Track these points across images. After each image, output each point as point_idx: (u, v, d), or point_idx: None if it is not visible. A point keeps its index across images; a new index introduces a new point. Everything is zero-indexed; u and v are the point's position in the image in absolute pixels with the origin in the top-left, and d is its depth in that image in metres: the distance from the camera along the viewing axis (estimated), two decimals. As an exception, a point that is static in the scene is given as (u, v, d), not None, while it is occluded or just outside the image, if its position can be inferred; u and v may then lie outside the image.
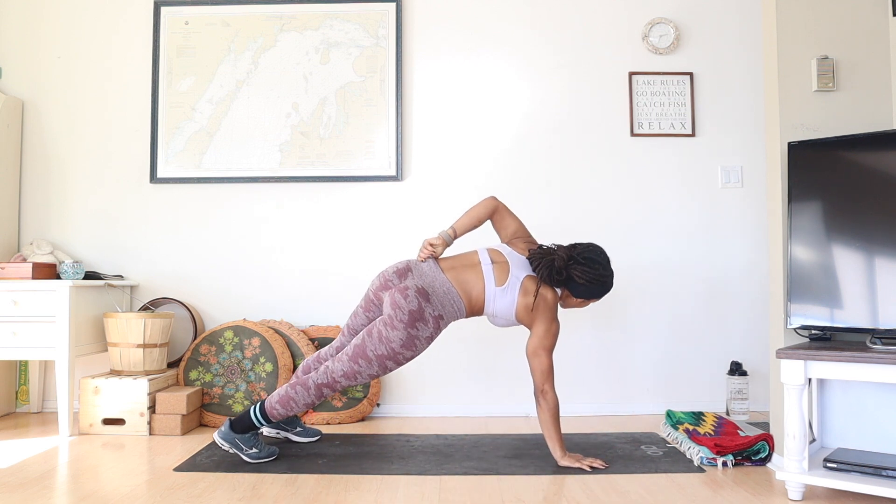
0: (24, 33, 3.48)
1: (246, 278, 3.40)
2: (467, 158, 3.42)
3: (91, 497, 2.06)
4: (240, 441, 2.42)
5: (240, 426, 2.43)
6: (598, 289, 2.48)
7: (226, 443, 2.42)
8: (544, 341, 2.40)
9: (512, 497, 2.07)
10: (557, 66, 3.44)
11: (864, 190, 2.14)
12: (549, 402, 2.38)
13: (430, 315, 2.37)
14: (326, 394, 2.43)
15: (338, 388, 2.43)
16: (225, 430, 2.42)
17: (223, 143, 3.42)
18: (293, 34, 3.44)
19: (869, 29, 2.37)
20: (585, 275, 2.43)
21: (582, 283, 2.44)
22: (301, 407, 2.42)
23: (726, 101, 3.42)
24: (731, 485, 2.18)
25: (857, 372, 1.96)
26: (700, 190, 3.40)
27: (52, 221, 3.44)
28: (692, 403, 3.34)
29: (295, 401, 2.41)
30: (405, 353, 2.38)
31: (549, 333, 2.41)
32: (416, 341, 2.37)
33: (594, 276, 2.45)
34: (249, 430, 2.44)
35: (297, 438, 2.74)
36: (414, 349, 2.38)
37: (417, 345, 2.38)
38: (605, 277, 2.47)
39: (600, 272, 2.46)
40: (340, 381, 2.41)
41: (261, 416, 2.42)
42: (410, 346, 2.37)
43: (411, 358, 2.42)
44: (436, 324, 2.39)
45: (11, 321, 2.87)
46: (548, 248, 2.46)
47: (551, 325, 2.41)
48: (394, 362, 2.39)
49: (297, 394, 2.41)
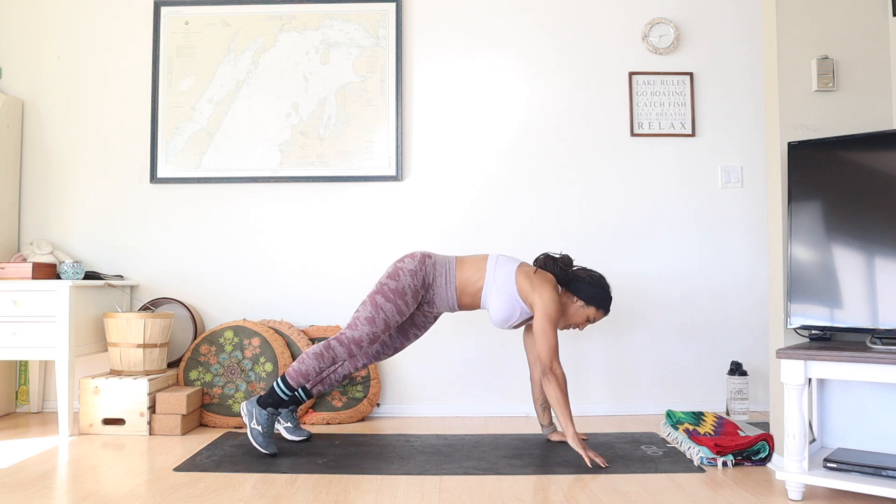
0: (24, 33, 3.48)
1: (246, 278, 3.40)
2: (467, 158, 3.42)
3: (91, 497, 2.06)
4: (256, 413, 2.55)
5: (264, 399, 2.56)
6: (601, 293, 2.59)
7: (245, 409, 2.59)
8: (550, 311, 2.48)
9: (512, 497, 2.07)
10: (557, 66, 3.44)
11: (864, 190, 2.14)
12: (558, 379, 2.45)
13: (419, 252, 2.61)
14: (333, 346, 2.54)
15: (343, 341, 2.54)
16: (252, 399, 2.59)
17: (223, 143, 3.42)
18: (293, 34, 3.44)
19: (869, 29, 2.37)
20: (587, 273, 2.61)
21: (585, 279, 2.58)
22: (311, 358, 2.53)
23: (726, 101, 3.42)
24: (731, 485, 2.18)
25: (857, 372, 1.96)
26: (700, 190, 3.40)
27: (52, 221, 3.44)
28: (692, 403, 3.34)
29: (306, 353, 2.55)
30: (389, 284, 2.54)
31: (552, 302, 2.49)
32: (399, 272, 2.56)
33: (595, 276, 2.61)
34: (271, 403, 2.54)
35: (286, 434, 2.73)
36: (397, 279, 2.54)
37: (400, 276, 2.54)
38: (606, 285, 2.62)
39: (601, 278, 2.62)
40: (345, 332, 2.56)
41: (281, 382, 2.55)
42: (394, 276, 2.55)
43: (396, 296, 2.52)
44: (422, 260, 2.58)
45: (11, 321, 2.87)
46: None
47: (553, 294, 2.51)
48: (381, 296, 2.53)
49: (309, 349, 2.57)
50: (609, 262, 3.37)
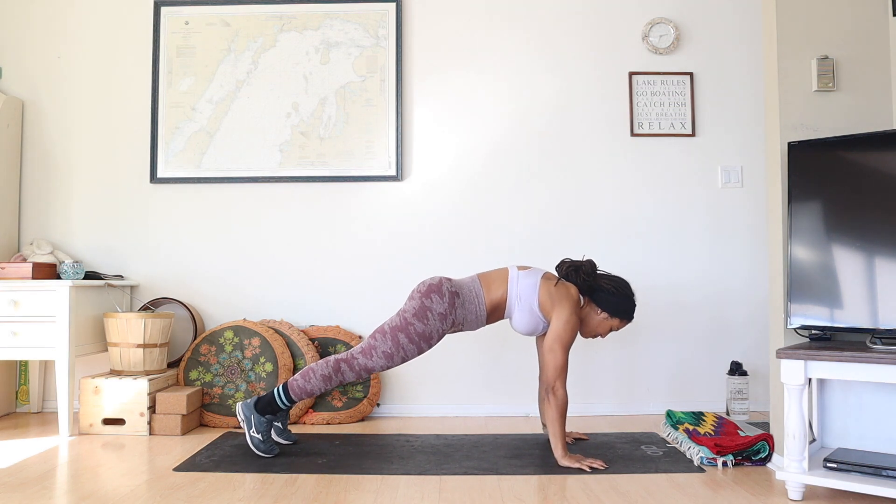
0: (24, 33, 3.48)
1: (246, 278, 3.40)
2: (467, 158, 3.42)
3: (91, 497, 2.06)
4: (254, 420, 2.49)
5: (262, 405, 2.50)
6: (625, 303, 2.54)
7: (242, 414, 2.51)
8: (562, 334, 2.43)
9: (512, 497, 2.07)
10: (558, 66, 3.44)
11: (864, 190, 2.14)
12: (558, 400, 2.39)
13: (447, 290, 2.47)
14: (343, 370, 2.47)
15: (354, 367, 2.47)
16: (249, 403, 2.52)
17: (223, 143, 3.42)
18: (293, 34, 3.44)
19: (869, 29, 2.37)
20: (612, 283, 2.54)
21: (609, 289, 2.52)
22: (318, 379, 2.47)
23: (726, 101, 3.42)
24: (731, 485, 2.18)
25: (857, 372, 1.96)
26: (700, 190, 3.40)
27: (52, 221, 3.44)
28: (692, 403, 3.34)
29: (314, 371, 2.48)
30: (416, 326, 2.43)
31: (568, 325, 2.43)
32: (427, 313, 2.44)
33: (621, 285, 2.55)
34: (269, 410, 2.50)
35: (274, 434, 2.69)
36: (425, 322, 2.43)
37: (429, 318, 2.43)
38: (631, 294, 2.56)
39: (626, 287, 2.56)
40: (358, 357, 2.47)
41: (283, 393, 2.49)
42: (422, 317, 2.44)
43: (421, 339, 2.44)
44: (451, 301, 2.46)
45: (11, 321, 2.87)
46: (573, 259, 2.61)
47: (571, 317, 2.45)
48: (405, 336, 2.44)
49: (317, 366, 2.50)
50: (609, 261, 3.37)
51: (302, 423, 3.08)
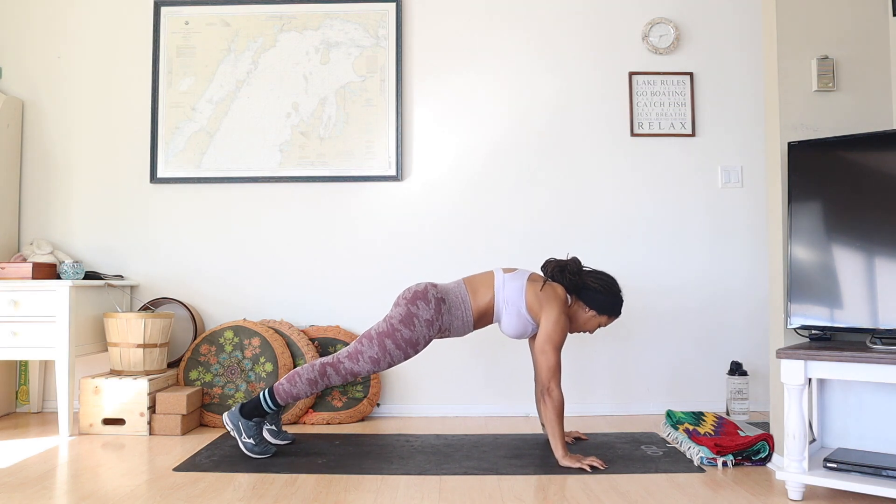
0: (24, 33, 3.48)
1: (246, 278, 3.40)
2: (467, 158, 3.42)
3: (91, 497, 2.06)
4: (242, 426, 2.48)
5: (248, 409, 2.49)
6: (613, 300, 2.54)
7: (230, 423, 2.49)
8: (552, 335, 2.42)
9: (512, 497, 2.07)
10: (558, 66, 3.44)
11: (864, 190, 2.14)
12: (554, 401, 2.38)
13: (432, 296, 2.46)
14: (330, 374, 2.46)
15: (341, 371, 2.46)
16: (234, 411, 2.50)
17: (223, 143, 3.42)
18: (293, 34, 3.44)
19: (869, 29, 2.37)
20: (598, 281, 2.54)
21: (596, 288, 2.52)
22: (304, 383, 2.46)
23: (726, 101, 3.42)
24: (731, 485, 2.18)
25: (857, 372, 1.96)
26: (700, 190, 3.40)
27: (52, 221, 3.44)
28: (692, 403, 3.34)
29: (300, 375, 2.47)
30: (403, 333, 2.43)
31: (558, 326, 2.43)
32: (414, 319, 2.43)
33: (607, 283, 2.55)
34: (256, 414, 2.49)
35: (269, 437, 2.68)
36: (412, 328, 2.43)
37: (416, 325, 2.43)
38: (618, 291, 2.56)
39: (613, 284, 2.56)
40: (344, 361, 2.46)
41: (268, 397, 2.48)
42: (409, 323, 2.43)
43: (408, 345, 2.44)
44: (437, 307, 2.45)
45: (11, 321, 2.87)
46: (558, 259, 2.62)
47: (560, 317, 2.44)
48: (392, 342, 2.43)
49: (303, 369, 2.48)
50: (609, 261, 3.37)
51: (302, 423, 3.08)
